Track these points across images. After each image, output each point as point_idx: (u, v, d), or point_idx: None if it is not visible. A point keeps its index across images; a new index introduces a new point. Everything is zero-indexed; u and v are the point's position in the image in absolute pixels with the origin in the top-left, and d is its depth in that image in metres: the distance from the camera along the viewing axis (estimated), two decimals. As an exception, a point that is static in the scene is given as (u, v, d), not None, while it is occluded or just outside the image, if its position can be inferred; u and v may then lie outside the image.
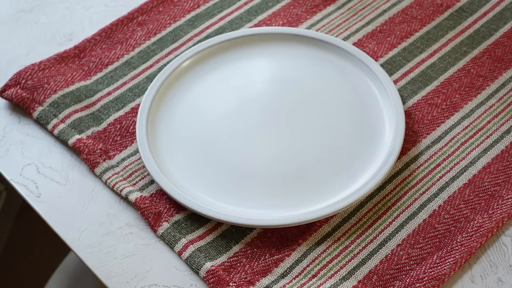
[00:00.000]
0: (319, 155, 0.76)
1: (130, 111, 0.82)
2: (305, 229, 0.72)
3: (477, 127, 0.79)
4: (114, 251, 0.71)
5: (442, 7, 0.91)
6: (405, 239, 0.71)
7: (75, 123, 0.80)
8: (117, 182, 0.75)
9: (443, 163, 0.76)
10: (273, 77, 0.85)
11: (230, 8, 0.92)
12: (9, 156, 0.79)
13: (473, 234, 0.70)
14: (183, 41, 0.89)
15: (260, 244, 0.71)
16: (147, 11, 0.91)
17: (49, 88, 0.83)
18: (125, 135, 0.79)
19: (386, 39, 0.88)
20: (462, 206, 0.73)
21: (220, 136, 0.78)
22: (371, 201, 0.74)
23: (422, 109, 0.81)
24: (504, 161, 0.76)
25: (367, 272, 0.69)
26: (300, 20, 0.90)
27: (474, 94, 0.82)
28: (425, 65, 0.85)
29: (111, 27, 0.90)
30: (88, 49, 0.88)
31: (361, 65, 0.83)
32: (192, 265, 0.69)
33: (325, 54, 0.85)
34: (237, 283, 0.68)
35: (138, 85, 0.84)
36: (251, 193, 0.74)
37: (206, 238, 0.71)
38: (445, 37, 0.88)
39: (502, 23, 0.90)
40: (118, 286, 0.68)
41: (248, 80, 0.84)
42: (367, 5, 0.92)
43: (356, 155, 0.76)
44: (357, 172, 0.75)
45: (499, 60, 0.85)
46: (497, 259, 0.70)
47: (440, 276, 0.67)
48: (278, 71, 0.85)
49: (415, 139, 0.78)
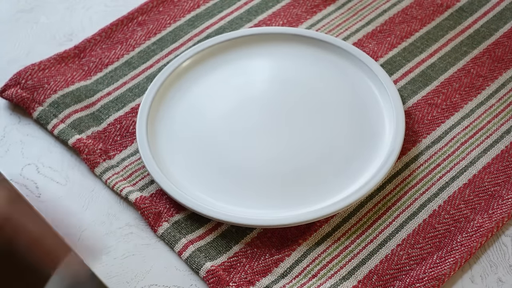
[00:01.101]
0: (319, 155, 0.76)
1: (130, 111, 0.82)
2: (305, 229, 0.72)
3: (477, 127, 0.79)
4: (114, 251, 0.71)
5: (442, 7, 0.91)
6: (405, 239, 0.71)
7: (75, 123, 0.80)
8: (117, 182, 0.75)
9: (443, 163, 0.76)
10: (273, 77, 0.85)
11: (230, 8, 0.92)
12: (9, 156, 0.79)
13: (473, 234, 0.70)
14: (183, 41, 0.89)
15: (260, 244, 0.71)
16: (147, 11, 0.91)
17: (49, 88, 0.83)
18: (125, 135, 0.79)
19: (386, 39, 0.88)
20: (462, 206, 0.73)
21: (220, 136, 0.78)
22: (371, 201, 0.74)
23: (422, 109, 0.81)
24: (504, 161, 0.76)
25: (367, 272, 0.69)
26: (300, 20, 0.90)
27: (474, 94, 0.82)
28: (425, 65, 0.85)
29: (111, 27, 0.90)
30: (88, 49, 0.88)
31: (361, 65, 0.83)
32: (192, 265, 0.69)
33: (325, 54, 0.85)
34: (237, 283, 0.68)
35: (138, 85, 0.84)
36: (251, 193, 0.74)
37: (206, 238, 0.71)
38: (445, 37, 0.88)
39: (502, 23, 0.90)
40: (118, 286, 0.68)
41: (248, 80, 0.84)
42: (367, 5, 0.92)
43: (356, 155, 0.76)
44: (357, 172, 0.75)
45: (499, 60, 0.85)
46: (497, 259, 0.70)
47: (440, 276, 0.67)
48: (278, 71, 0.85)
49: (415, 139, 0.78)
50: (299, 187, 0.74)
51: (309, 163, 0.76)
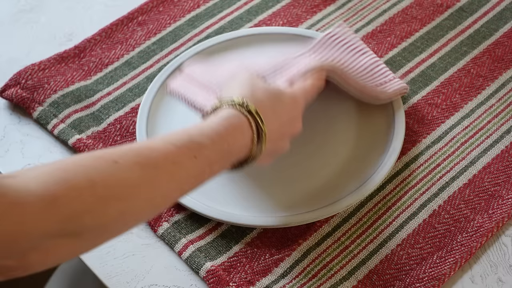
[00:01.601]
0: (319, 155, 0.76)
1: (130, 111, 0.82)
2: (305, 229, 0.71)
3: (477, 127, 0.79)
4: (114, 251, 0.71)
5: (442, 7, 0.91)
6: (405, 239, 0.71)
7: (75, 123, 0.80)
8: (117, 182, 0.75)
9: (443, 163, 0.76)
10: (273, 77, 0.84)
11: (230, 8, 0.92)
12: (9, 156, 0.79)
13: (473, 234, 0.70)
14: (183, 41, 0.89)
15: (260, 244, 0.71)
16: (147, 11, 0.91)
17: (49, 88, 0.83)
18: (125, 135, 0.79)
19: (386, 39, 0.88)
20: (462, 206, 0.73)
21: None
22: (371, 201, 0.73)
23: (422, 109, 0.81)
24: (504, 161, 0.76)
25: (367, 272, 0.69)
26: (300, 20, 0.90)
27: (474, 94, 0.82)
28: (425, 65, 0.85)
29: (111, 27, 0.90)
30: (88, 49, 0.88)
31: (361, 65, 0.83)
32: (192, 265, 0.69)
33: (325, 54, 0.85)
34: (237, 283, 0.68)
35: (138, 85, 0.84)
36: (251, 193, 0.74)
37: (206, 238, 0.71)
38: (445, 37, 0.88)
39: (502, 23, 0.90)
40: (118, 286, 0.68)
41: (248, 80, 0.84)
42: (367, 5, 0.92)
43: (356, 155, 0.76)
44: (357, 172, 0.75)
45: (499, 60, 0.85)
46: (497, 259, 0.70)
47: (440, 276, 0.67)
48: (278, 71, 0.85)
49: (415, 139, 0.78)
50: (299, 187, 0.74)
51: (309, 163, 0.75)
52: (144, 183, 0.53)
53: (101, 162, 0.51)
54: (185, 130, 0.59)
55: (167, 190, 0.56)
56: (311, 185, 0.74)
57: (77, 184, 0.49)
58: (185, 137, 0.58)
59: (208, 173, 0.59)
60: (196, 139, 0.58)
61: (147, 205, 0.54)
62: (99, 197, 0.50)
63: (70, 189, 0.49)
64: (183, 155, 0.56)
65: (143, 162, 0.53)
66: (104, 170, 0.51)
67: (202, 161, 0.57)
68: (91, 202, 0.49)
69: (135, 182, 0.52)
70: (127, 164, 0.52)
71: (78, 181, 0.49)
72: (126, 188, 0.52)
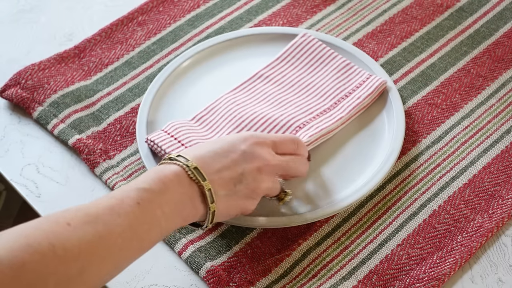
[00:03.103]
0: (319, 155, 0.76)
1: (130, 111, 0.82)
2: (305, 229, 0.71)
3: (477, 127, 0.79)
4: (114, 251, 0.71)
5: (442, 7, 0.91)
6: (405, 239, 0.71)
7: (75, 123, 0.80)
8: (117, 182, 0.75)
9: (443, 163, 0.76)
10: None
11: (230, 8, 0.92)
12: (9, 156, 0.79)
13: (473, 234, 0.70)
14: (183, 41, 0.89)
15: (260, 244, 0.71)
16: (147, 11, 0.91)
17: (49, 88, 0.83)
18: (125, 135, 0.79)
19: (386, 39, 0.88)
20: (462, 206, 0.73)
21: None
22: (371, 201, 0.73)
23: (422, 109, 0.81)
24: (504, 161, 0.76)
25: (367, 272, 0.69)
26: (300, 20, 0.90)
27: (474, 94, 0.82)
28: (425, 65, 0.85)
29: (111, 27, 0.90)
30: (88, 49, 0.88)
31: (361, 65, 0.83)
32: (192, 265, 0.69)
33: (325, 54, 0.85)
34: (237, 283, 0.68)
35: (138, 85, 0.84)
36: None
37: (206, 238, 0.71)
38: (445, 37, 0.88)
39: (502, 23, 0.90)
40: (118, 286, 0.68)
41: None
42: (367, 5, 0.92)
43: (356, 155, 0.76)
44: (357, 172, 0.75)
45: (499, 60, 0.85)
46: (497, 259, 0.70)
47: (440, 276, 0.67)
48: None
49: (415, 139, 0.78)
50: (299, 187, 0.74)
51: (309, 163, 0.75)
52: (97, 239, 0.55)
53: (57, 226, 0.54)
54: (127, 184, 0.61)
55: (122, 240, 0.56)
56: (311, 185, 0.74)
57: (40, 249, 0.51)
58: (126, 188, 0.59)
59: (160, 215, 0.59)
60: (139, 186, 0.59)
61: (105, 259, 0.56)
62: (59, 259, 0.52)
63: (34, 254, 0.51)
64: (126, 205, 0.57)
65: (92, 220, 0.55)
66: (60, 233, 0.53)
67: (146, 206, 0.58)
68: (54, 265, 0.52)
69: (89, 240, 0.54)
70: (78, 225, 0.54)
71: (40, 246, 0.52)
72: (80, 248, 0.54)
